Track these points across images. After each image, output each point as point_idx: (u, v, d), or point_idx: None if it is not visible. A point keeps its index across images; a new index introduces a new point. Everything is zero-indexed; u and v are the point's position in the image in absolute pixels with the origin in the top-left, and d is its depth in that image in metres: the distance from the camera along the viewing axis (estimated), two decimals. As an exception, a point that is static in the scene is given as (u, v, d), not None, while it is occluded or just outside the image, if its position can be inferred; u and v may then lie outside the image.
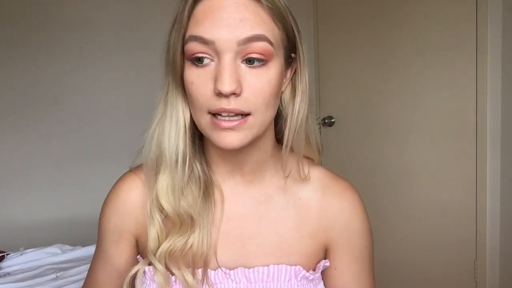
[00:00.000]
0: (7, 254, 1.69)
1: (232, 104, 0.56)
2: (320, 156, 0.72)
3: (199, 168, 0.65)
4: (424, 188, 2.09)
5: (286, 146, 0.63)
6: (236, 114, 0.57)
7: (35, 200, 2.13)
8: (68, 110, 2.18)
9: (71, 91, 2.18)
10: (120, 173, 0.75)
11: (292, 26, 0.60)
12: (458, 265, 1.97)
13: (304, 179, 0.68)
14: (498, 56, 1.76)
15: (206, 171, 0.67)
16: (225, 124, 0.57)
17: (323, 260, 0.71)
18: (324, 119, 2.52)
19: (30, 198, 2.13)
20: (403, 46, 2.10)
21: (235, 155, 0.65)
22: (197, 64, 0.57)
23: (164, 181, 0.63)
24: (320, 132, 2.60)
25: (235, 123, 0.57)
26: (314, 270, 0.70)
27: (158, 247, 0.63)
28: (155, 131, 0.64)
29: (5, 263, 1.63)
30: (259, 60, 0.56)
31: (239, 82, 0.56)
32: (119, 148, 2.25)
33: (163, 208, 0.63)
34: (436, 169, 2.03)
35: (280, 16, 0.58)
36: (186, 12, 0.57)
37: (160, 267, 0.63)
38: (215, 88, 0.55)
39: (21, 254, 1.68)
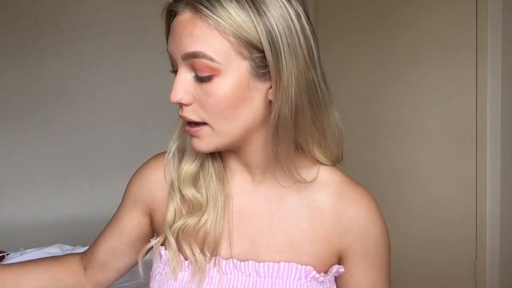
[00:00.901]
0: (7, 254, 1.69)
1: (183, 112, 0.61)
2: (339, 159, 0.72)
3: (210, 161, 0.70)
4: (424, 188, 2.09)
5: (279, 146, 0.63)
6: (192, 122, 0.62)
7: (35, 200, 2.13)
8: (68, 110, 2.18)
9: (72, 91, 2.18)
10: (120, 173, 0.77)
11: (259, 36, 0.57)
12: (458, 265, 1.97)
13: (299, 181, 0.67)
14: (498, 58, 1.76)
15: (220, 165, 0.71)
16: (187, 129, 0.63)
17: (337, 265, 0.70)
18: (324, 119, 2.52)
19: (30, 198, 2.13)
20: (404, 48, 2.10)
21: (236, 155, 0.68)
22: (173, 71, 0.63)
23: (184, 166, 0.69)
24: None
25: (194, 129, 0.62)
26: (326, 273, 0.70)
27: (174, 222, 0.68)
28: (179, 122, 0.68)
29: (5, 263, 1.63)
30: (203, 76, 0.59)
31: (187, 94, 0.60)
32: (119, 148, 2.26)
33: (181, 190, 0.68)
34: (436, 169, 2.03)
35: (235, 29, 0.57)
36: (165, 27, 0.63)
37: (172, 240, 0.68)
38: None
39: (21, 254, 1.68)
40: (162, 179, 0.73)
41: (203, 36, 0.57)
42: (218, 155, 0.70)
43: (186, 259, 0.68)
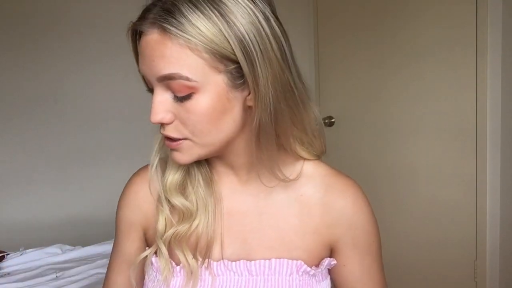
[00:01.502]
0: (7, 254, 1.69)
1: (165, 130, 0.61)
2: (322, 152, 0.74)
3: (195, 167, 0.70)
4: (424, 188, 2.09)
5: (253, 157, 0.66)
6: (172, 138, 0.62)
7: (35, 200, 2.14)
8: (68, 110, 2.18)
9: (72, 91, 2.19)
10: (120, 173, 0.77)
11: (232, 48, 0.56)
12: (458, 265, 1.97)
13: (284, 180, 0.67)
14: (498, 57, 1.76)
15: (206, 168, 0.71)
16: (167, 144, 0.63)
17: (328, 258, 0.71)
18: (324, 119, 2.52)
19: (30, 198, 2.13)
20: (403, 47, 2.10)
21: (219, 158, 0.69)
22: (149, 90, 0.63)
23: (168, 177, 0.68)
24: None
25: (174, 143, 0.62)
26: (317, 266, 0.70)
27: (165, 232, 0.68)
28: (158, 134, 0.67)
29: (5, 263, 1.63)
30: (181, 96, 0.58)
31: (167, 112, 0.59)
32: (118, 148, 2.26)
33: (169, 200, 0.68)
34: (436, 169, 2.03)
35: (207, 45, 0.55)
36: (133, 47, 0.63)
37: (164, 249, 0.68)
38: None
39: (21, 254, 1.68)
40: (148, 193, 0.72)
41: (175, 57, 0.56)
42: (203, 159, 0.70)
43: (178, 264, 0.68)
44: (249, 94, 0.60)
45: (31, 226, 2.09)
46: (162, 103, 0.59)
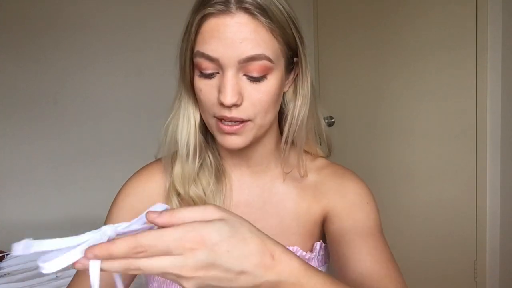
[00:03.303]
0: (7, 254, 1.69)
1: (233, 113, 0.62)
2: (331, 151, 0.78)
3: (211, 157, 0.72)
4: (424, 188, 2.09)
5: (286, 143, 0.69)
6: (234, 121, 0.63)
7: (35, 200, 2.13)
8: (68, 110, 2.18)
9: (71, 91, 2.18)
10: (120, 173, 0.78)
11: (294, 35, 0.64)
12: (458, 265, 1.97)
13: (304, 176, 0.73)
14: (498, 57, 1.76)
15: (218, 160, 0.73)
16: (227, 128, 0.63)
17: (319, 242, 0.73)
18: (324, 119, 2.51)
19: (30, 198, 2.13)
20: (403, 47, 2.10)
21: (239, 152, 0.72)
22: (204, 75, 0.63)
23: (178, 170, 0.70)
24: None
25: (236, 127, 0.63)
26: (311, 251, 0.72)
27: None
28: (169, 127, 0.70)
29: (5, 263, 1.63)
30: (258, 76, 0.61)
31: (240, 94, 0.61)
32: (119, 148, 2.25)
33: (179, 192, 0.70)
34: (436, 169, 2.03)
35: (281, 30, 0.61)
36: (193, 28, 0.62)
37: None
38: (218, 98, 0.61)
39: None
40: (159, 186, 0.74)
41: (262, 39, 0.60)
42: (217, 151, 0.74)
43: None
44: (287, 81, 0.67)
45: (31, 226, 2.09)
46: (237, 85, 0.61)
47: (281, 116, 0.72)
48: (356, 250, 0.67)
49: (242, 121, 0.62)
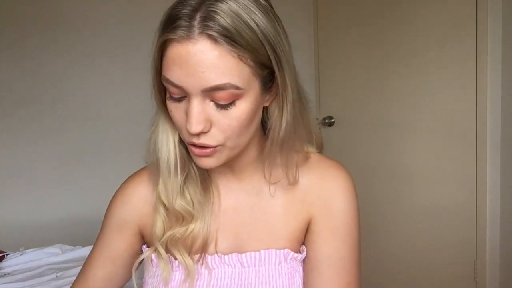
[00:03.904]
0: (7, 254, 1.69)
1: (201, 139, 0.60)
2: (321, 152, 0.76)
3: (195, 168, 0.70)
4: (424, 187, 2.09)
5: (268, 155, 0.67)
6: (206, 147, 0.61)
7: (35, 200, 2.13)
8: (67, 110, 2.18)
9: (71, 91, 2.18)
10: (120, 173, 0.79)
11: (267, 53, 0.58)
12: (458, 265, 1.97)
13: (293, 183, 0.71)
14: (498, 56, 1.76)
15: (204, 170, 0.72)
16: (198, 152, 0.62)
17: (304, 246, 0.74)
18: (324, 119, 2.52)
19: (30, 198, 2.13)
20: (403, 46, 2.10)
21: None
22: (173, 98, 0.61)
23: (161, 184, 0.69)
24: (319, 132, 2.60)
25: (206, 151, 0.61)
26: (300, 252, 0.73)
27: (163, 235, 0.70)
28: (151, 139, 0.69)
29: (5, 263, 1.63)
30: (225, 104, 0.58)
31: (207, 121, 0.59)
32: (118, 148, 2.25)
33: (168, 204, 0.69)
34: (436, 169, 2.03)
35: (252, 54, 0.57)
36: (157, 52, 0.59)
37: (163, 251, 0.70)
38: (186, 124, 0.59)
39: (21, 254, 1.68)
40: (146, 194, 0.73)
41: (228, 67, 0.56)
42: None
43: (176, 259, 0.71)
44: (267, 95, 0.63)
45: (31, 226, 2.09)
46: (203, 112, 0.58)
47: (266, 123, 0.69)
48: (318, 241, 0.71)
49: (214, 146, 0.61)
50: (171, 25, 0.56)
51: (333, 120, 2.50)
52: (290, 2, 2.54)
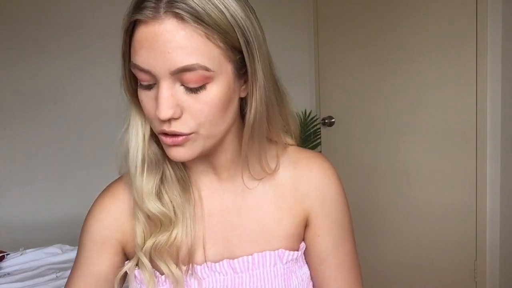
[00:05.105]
0: (7, 254, 1.69)
1: (172, 126, 0.57)
2: (297, 142, 0.75)
3: (170, 168, 0.67)
4: (424, 188, 2.09)
5: (245, 148, 0.64)
6: (178, 134, 0.58)
7: (35, 200, 2.13)
8: (67, 110, 2.18)
9: (71, 91, 2.18)
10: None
11: (237, 36, 0.56)
12: (458, 265, 1.97)
13: (272, 173, 0.69)
14: (498, 56, 1.76)
15: (182, 169, 0.69)
16: (169, 141, 0.58)
17: (303, 242, 0.72)
18: (324, 119, 2.52)
19: (30, 198, 2.13)
20: (403, 46, 2.10)
21: (203, 159, 0.67)
22: (143, 86, 0.58)
23: (136, 187, 0.64)
24: (320, 132, 2.60)
25: (178, 139, 0.58)
26: (297, 250, 0.71)
27: (145, 243, 0.66)
28: (123, 140, 0.66)
29: (5, 263, 1.63)
30: (195, 87, 0.56)
31: (177, 107, 0.56)
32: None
33: (145, 209, 0.65)
34: (436, 169, 2.03)
35: (222, 35, 0.55)
36: (126, 36, 0.57)
37: (146, 261, 0.65)
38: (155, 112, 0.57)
39: (21, 254, 1.68)
40: (124, 207, 0.69)
41: (195, 47, 0.54)
42: (179, 162, 0.68)
43: (162, 274, 0.67)
44: (243, 84, 0.61)
45: (31, 226, 2.09)
46: (172, 97, 0.56)
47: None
48: (322, 235, 0.71)
49: (186, 134, 0.58)
50: (138, 6, 0.55)
51: (333, 120, 2.50)
52: (290, 2, 2.54)
